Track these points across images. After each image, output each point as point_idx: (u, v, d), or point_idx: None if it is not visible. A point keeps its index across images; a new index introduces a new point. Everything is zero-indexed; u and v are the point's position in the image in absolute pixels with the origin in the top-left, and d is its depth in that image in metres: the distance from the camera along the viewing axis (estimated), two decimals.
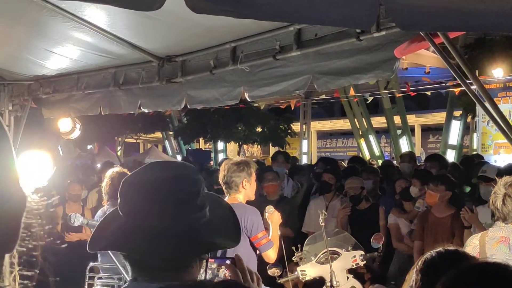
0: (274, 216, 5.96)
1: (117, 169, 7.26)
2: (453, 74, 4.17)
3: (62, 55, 6.61)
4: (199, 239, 2.06)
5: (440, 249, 2.53)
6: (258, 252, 5.82)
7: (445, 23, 3.05)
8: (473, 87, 4.21)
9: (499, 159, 12.97)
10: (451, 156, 18.55)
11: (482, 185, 7.13)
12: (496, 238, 4.26)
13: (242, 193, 5.83)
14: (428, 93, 16.59)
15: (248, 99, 5.69)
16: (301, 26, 4.88)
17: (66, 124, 8.41)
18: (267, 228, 5.93)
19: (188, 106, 6.38)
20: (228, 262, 2.16)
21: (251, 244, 5.78)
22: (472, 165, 9.24)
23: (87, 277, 7.03)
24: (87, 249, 2.12)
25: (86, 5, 4.96)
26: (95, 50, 6.25)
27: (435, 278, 1.81)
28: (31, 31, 6.03)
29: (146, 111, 7.03)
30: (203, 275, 2.13)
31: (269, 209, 5.96)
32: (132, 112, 7.26)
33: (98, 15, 5.25)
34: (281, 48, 5.07)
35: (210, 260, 2.18)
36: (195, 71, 6.05)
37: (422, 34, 3.99)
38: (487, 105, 4.12)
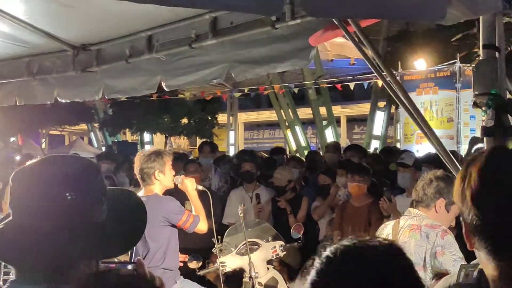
0: (185, 184, 5.81)
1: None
2: (369, 65, 4.15)
3: None
4: (83, 243, 1.90)
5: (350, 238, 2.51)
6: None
7: (354, 10, 3.03)
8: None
9: (421, 148, 13.20)
10: (375, 146, 18.77)
11: (400, 172, 7.22)
12: (408, 227, 4.33)
13: (157, 184, 5.69)
14: (352, 85, 16.75)
15: (166, 89, 5.58)
16: (216, 14, 4.80)
17: None
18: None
19: (106, 96, 6.24)
20: (129, 267, 2.06)
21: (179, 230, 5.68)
22: (392, 155, 9.39)
23: (2, 273, 6.82)
24: None
25: None
26: (8, 39, 6.01)
27: None
28: None
29: (63, 101, 6.83)
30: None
31: (177, 179, 5.81)
32: (48, 102, 7.05)
33: (11, 2, 5.05)
34: (196, 37, 5.00)
35: (111, 265, 2.07)
36: (111, 60, 5.92)
37: (335, 22, 3.97)
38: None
